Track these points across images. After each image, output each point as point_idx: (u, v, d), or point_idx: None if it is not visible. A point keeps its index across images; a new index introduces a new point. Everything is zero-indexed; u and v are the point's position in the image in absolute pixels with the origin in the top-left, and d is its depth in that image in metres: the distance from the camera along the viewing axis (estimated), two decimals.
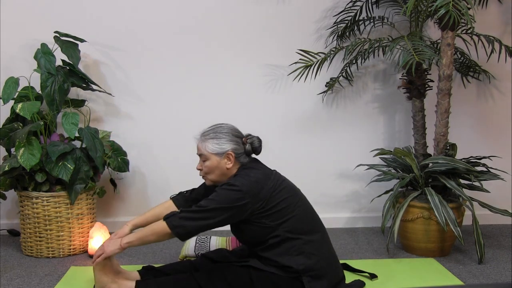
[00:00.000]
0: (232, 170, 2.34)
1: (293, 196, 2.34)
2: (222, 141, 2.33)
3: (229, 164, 2.33)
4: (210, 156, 2.33)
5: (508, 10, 3.49)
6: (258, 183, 2.26)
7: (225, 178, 2.35)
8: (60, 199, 2.91)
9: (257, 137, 2.42)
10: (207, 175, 2.37)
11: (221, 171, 2.34)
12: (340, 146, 3.50)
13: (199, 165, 2.39)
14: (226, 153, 2.31)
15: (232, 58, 3.39)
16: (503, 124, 3.59)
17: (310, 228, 2.33)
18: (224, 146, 2.32)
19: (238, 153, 2.34)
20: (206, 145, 2.33)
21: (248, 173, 2.30)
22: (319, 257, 2.29)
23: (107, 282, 2.31)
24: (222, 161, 2.32)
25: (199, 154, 2.37)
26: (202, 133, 2.39)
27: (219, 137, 2.33)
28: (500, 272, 2.76)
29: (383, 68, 3.50)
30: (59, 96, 2.94)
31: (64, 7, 3.26)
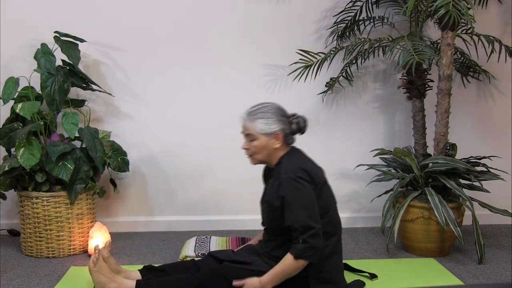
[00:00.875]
0: (279, 150, 2.34)
1: (332, 197, 2.38)
2: (270, 121, 2.31)
3: (277, 144, 2.32)
4: (258, 136, 2.31)
5: (508, 10, 3.49)
6: (311, 171, 2.28)
7: (271, 158, 2.35)
8: (60, 199, 2.91)
9: (303, 116, 2.42)
10: (254, 155, 2.35)
11: (268, 151, 2.33)
12: (340, 146, 3.50)
13: (246, 145, 2.36)
14: (275, 133, 2.31)
15: (232, 58, 3.39)
16: (503, 124, 3.59)
17: (332, 234, 2.35)
18: (272, 126, 2.31)
19: (286, 133, 2.34)
20: (254, 125, 2.31)
21: (298, 158, 2.32)
22: (331, 262, 2.32)
23: (106, 282, 2.30)
24: (270, 141, 2.32)
25: (246, 133, 2.34)
26: (248, 112, 2.36)
27: (268, 117, 2.31)
28: (500, 272, 2.76)
29: (383, 68, 3.50)
30: (59, 96, 2.94)
31: (64, 7, 3.26)
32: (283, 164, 2.29)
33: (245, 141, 2.37)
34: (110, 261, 2.39)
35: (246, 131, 2.35)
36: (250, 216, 3.38)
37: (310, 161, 2.38)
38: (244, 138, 2.38)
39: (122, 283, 2.30)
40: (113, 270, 2.37)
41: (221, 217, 3.48)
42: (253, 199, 3.46)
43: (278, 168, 2.32)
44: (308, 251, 2.17)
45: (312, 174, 2.27)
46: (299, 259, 2.18)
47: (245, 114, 2.37)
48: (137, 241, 3.25)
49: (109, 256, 2.39)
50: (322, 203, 2.28)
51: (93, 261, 2.34)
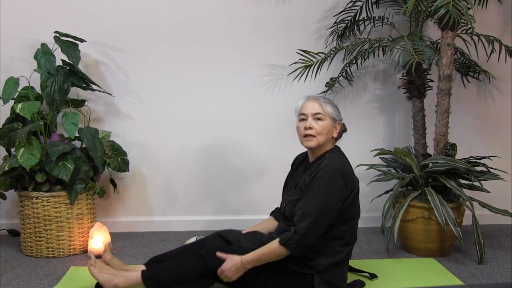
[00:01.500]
0: (331, 142, 2.41)
1: (358, 208, 2.40)
2: (337, 109, 2.42)
3: (336, 133, 2.40)
4: (327, 117, 2.37)
5: (508, 10, 3.49)
6: (350, 173, 2.33)
7: (324, 146, 2.38)
8: (60, 199, 2.91)
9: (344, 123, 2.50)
10: (318, 136, 2.36)
11: (328, 136, 2.38)
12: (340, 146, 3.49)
13: (311, 124, 2.36)
14: (338, 121, 2.41)
15: (232, 58, 3.39)
16: (503, 124, 3.59)
17: (349, 242, 2.37)
18: (338, 114, 2.42)
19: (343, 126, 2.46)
20: (326, 107, 2.38)
21: (342, 159, 2.36)
22: (340, 269, 2.34)
23: (111, 278, 2.30)
24: (333, 127, 2.38)
25: (316, 112, 2.36)
26: (318, 97, 2.42)
27: (335, 106, 2.43)
28: (500, 272, 2.76)
29: (383, 68, 3.50)
30: (59, 96, 2.94)
31: (64, 7, 3.26)
32: (327, 159, 2.32)
33: (309, 120, 2.37)
34: (114, 262, 2.39)
35: (316, 110, 2.37)
36: (250, 216, 3.38)
37: (350, 165, 2.41)
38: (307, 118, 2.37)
39: (127, 275, 2.30)
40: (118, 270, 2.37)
41: (221, 217, 3.48)
42: (253, 199, 3.47)
43: (319, 161, 2.34)
44: (294, 243, 2.19)
45: (350, 178, 2.30)
46: (283, 246, 2.21)
47: (310, 97, 2.42)
48: (137, 241, 3.25)
49: (112, 258, 2.39)
50: (351, 210, 2.32)
51: (91, 264, 2.34)
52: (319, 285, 2.27)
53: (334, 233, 2.30)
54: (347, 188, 2.27)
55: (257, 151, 3.48)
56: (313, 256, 2.28)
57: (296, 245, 2.20)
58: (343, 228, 2.31)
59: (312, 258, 2.28)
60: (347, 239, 2.34)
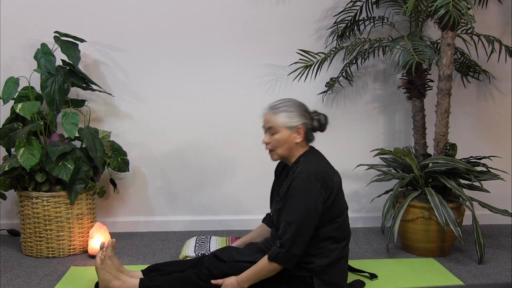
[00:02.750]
0: (299, 147, 2.33)
1: (344, 203, 2.38)
2: (293, 114, 2.30)
3: (298, 139, 2.31)
4: (281, 129, 2.30)
5: (508, 10, 3.49)
6: (328, 175, 2.26)
7: (291, 153, 2.33)
8: (60, 199, 2.91)
9: (324, 114, 2.41)
10: (276, 149, 2.33)
11: (289, 145, 2.31)
12: (340, 146, 3.50)
13: (267, 139, 2.34)
14: (297, 127, 2.30)
15: (232, 58, 3.39)
16: (503, 124, 3.59)
17: (343, 238, 2.35)
18: (295, 119, 2.30)
19: (308, 128, 2.33)
20: (277, 118, 2.30)
21: (317, 161, 2.30)
22: (338, 267, 2.33)
23: (111, 279, 2.31)
24: (292, 135, 2.30)
25: (268, 127, 2.33)
26: (271, 106, 2.35)
27: (291, 111, 2.31)
28: (500, 272, 2.76)
29: (383, 68, 3.50)
30: (59, 96, 2.94)
31: (64, 7, 3.26)
32: (301, 164, 2.28)
33: (266, 135, 2.35)
34: (114, 260, 2.39)
35: (268, 124, 2.33)
36: (250, 216, 3.38)
37: (327, 164, 2.36)
38: (265, 132, 2.36)
39: (126, 281, 2.31)
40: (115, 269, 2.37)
41: (221, 217, 3.48)
42: (253, 199, 3.47)
43: (295, 167, 2.30)
44: (282, 257, 2.17)
45: (327, 180, 2.25)
46: (273, 262, 2.19)
47: (266, 108, 2.36)
48: (137, 241, 3.25)
49: (112, 256, 2.39)
50: (335, 209, 2.29)
51: (100, 258, 2.34)
52: (319, 287, 2.27)
53: (323, 234, 2.27)
54: (325, 190, 2.23)
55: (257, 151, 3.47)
56: (309, 259, 2.27)
57: (285, 258, 2.17)
58: (331, 227, 2.28)
59: (308, 262, 2.27)
60: (338, 236, 2.31)
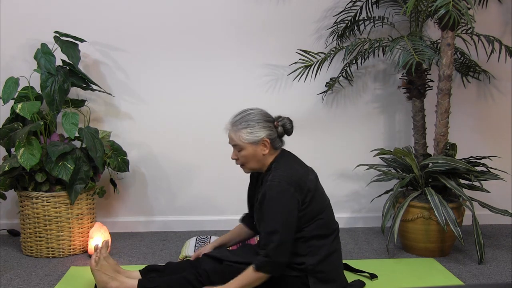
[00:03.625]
0: (267, 156, 2.32)
1: (324, 198, 2.37)
2: (255, 129, 2.27)
3: (265, 151, 2.29)
4: (245, 145, 2.28)
5: (508, 10, 3.49)
6: (300, 178, 2.25)
7: (262, 164, 2.32)
8: (60, 199, 2.91)
9: (288, 118, 2.38)
10: (245, 165, 2.33)
11: (257, 159, 2.31)
12: (340, 146, 3.50)
13: (234, 155, 2.34)
14: (262, 140, 2.28)
15: (232, 58, 3.39)
16: (503, 124, 3.59)
17: (330, 232, 2.34)
18: (258, 133, 2.27)
19: (272, 138, 2.31)
20: (239, 135, 2.28)
21: (289, 166, 2.28)
22: (330, 262, 2.32)
23: (108, 281, 2.30)
24: (258, 148, 2.29)
25: (233, 144, 2.32)
26: (232, 122, 2.32)
27: (252, 125, 2.28)
28: (500, 272, 2.76)
29: (383, 68, 3.50)
30: (59, 96, 2.94)
31: (64, 7, 3.26)
32: (272, 171, 2.27)
33: (233, 151, 2.34)
34: (109, 261, 2.39)
35: (232, 141, 2.32)
36: None
37: (299, 165, 2.35)
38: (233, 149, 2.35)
39: (123, 281, 2.30)
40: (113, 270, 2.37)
41: (221, 217, 3.48)
42: None
43: (267, 175, 2.30)
44: (267, 265, 2.15)
45: (300, 182, 2.24)
46: (259, 271, 2.17)
47: (229, 124, 2.33)
48: (137, 241, 3.25)
49: (107, 256, 2.38)
50: (314, 207, 2.27)
51: (95, 260, 2.34)
52: (314, 285, 2.26)
53: (308, 234, 2.26)
54: (300, 192, 2.22)
55: None
56: (299, 260, 2.26)
57: (271, 267, 2.16)
58: (315, 225, 2.27)
59: (299, 262, 2.26)
60: (323, 233, 2.30)
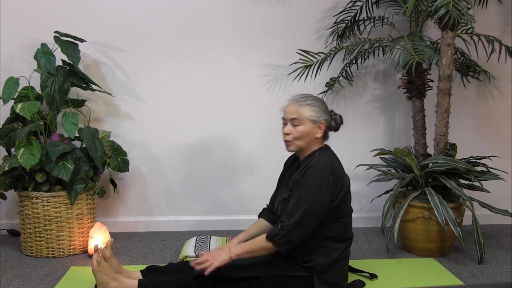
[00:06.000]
0: (317, 142, 2.36)
1: (350, 206, 2.39)
2: (319, 109, 2.34)
3: (319, 134, 2.34)
4: (305, 121, 2.32)
5: (508, 10, 3.49)
6: (340, 171, 2.31)
7: (309, 148, 2.35)
8: (60, 199, 2.91)
9: (340, 115, 2.44)
10: (296, 140, 2.34)
11: (310, 139, 2.34)
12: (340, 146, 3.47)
13: (289, 129, 2.35)
14: (320, 122, 2.33)
15: (232, 58, 3.39)
16: (503, 124, 3.59)
17: (346, 239, 2.36)
18: (320, 114, 2.33)
19: (328, 125, 2.37)
20: (303, 110, 2.32)
21: (332, 158, 2.33)
22: (339, 267, 2.33)
23: (109, 281, 2.30)
24: (314, 129, 2.33)
25: (292, 118, 2.33)
26: (297, 98, 2.36)
27: (316, 105, 2.34)
28: (500, 272, 2.76)
29: (383, 68, 3.50)
30: (59, 96, 2.94)
31: (64, 7, 3.26)
32: (316, 158, 2.31)
33: (287, 126, 2.36)
34: (112, 261, 2.39)
35: (292, 115, 2.34)
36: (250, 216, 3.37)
37: (340, 164, 2.40)
38: (286, 123, 2.37)
39: (124, 282, 2.30)
40: (114, 270, 2.37)
41: (221, 217, 3.48)
42: (254, 199, 3.47)
43: (308, 160, 2.33)
44: (280, 239, 2.19)
45: (339, 177, 2.29)
46: (269, 241, 2.21)
47: (290, 99, 2.38)
48: (137, 241, 3.25)
49: (111, 256, 2.39)
50: (341, 208, 2.30)
51: (96, 260, 2.34)
52: (319, 286, 2.27)
53: (326, 232, 2.29)
54: (336, 186, 2.26)
55: (258, 151, 3.47)
56: (310, 258, 2.28)
57: (282, 241, 2.19)
58: (335, 226, 2.30)
59: (309, 260, 2.28)
60: (340, 236, 2.33)
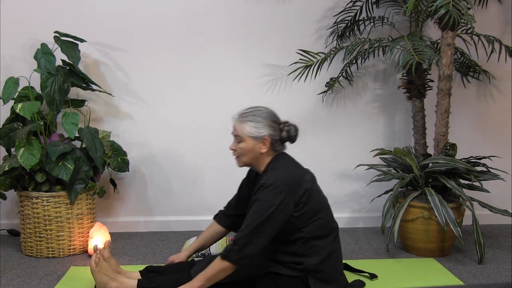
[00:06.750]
0: (265, 156, 2.32)
1: (321, 197, 2.37)
2: (260, 125, 2.29)
3: (264, 149, 2.30)
4: (246, 138, 2.30)
5: (508, 10, 3.49)
6: (296, 179, 2.26)
7: (257, 162, 2.33)
8: (60, 199, 2.91)
9: (294, 125, 2.39)
10: (240, 157, 2.34)
11: (254, 155, 2.31)
12: (340, 146, 3.50)
13: (233, 145, 2.35)
14: (263, 137, 2.29)
15: (232, 58, 3.39)
16: (503, 124, 3.59)
17: (329, 233, 2.34)
18: (261, 130, 2.29)
19: (274, 139, 2.32)
20: (243, 127, 2.30)
21: (285, 167, 2.29)
22: (331, 262, 2.31)
23: (108, 281, 2.31)
24: (258, 145, 2.30)
25: (235, 134, 2.34)
26: (240, 114, 2.35)
27: (258, 121, 2.30)
28: (500, 272, 2.76)
29: (383, 68, 3.50)
30: (59, 96, 2.94)
31: (64, 7, 3.26)
32: (268, 172, 2.27)
33: (233, 142, 2.36)
34: (111, 262, 2.39)
35: (235, 132, 2.34)
36: None
37: (295, 166, 2.35)
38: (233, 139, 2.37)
39: (123, 282, 2.31)
40: (113, 270, 2.37)
41: None
42: None
43: (263, 176, 2.29)
44: (235, 254, 2.14)
45: (295, 184, 2.24)
46: (224, 260, 2.15)
47: (236, 115, 2.36)
48: (137, 241, 3.25)
49: (109, 257, 2.39)
50: (312, 206, 2.27)
51: (94, 261, 2.34)
52: (315, 285, 2.26)
53: (308, 234, 2.26)
54: (294, 194, 2.21)
55: None
56: (299, 260, 2.27)
57: (237, 257, 2.14)
58: (314, 226, 2.27)
59: (299, 262, 2.27)
60: (323, 233, 2.30)
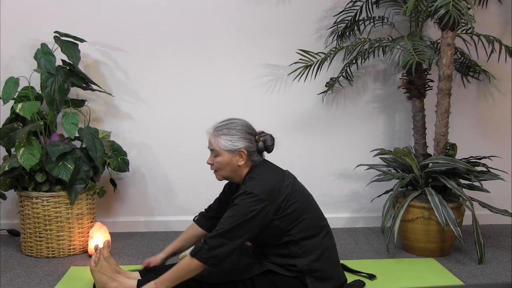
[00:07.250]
0: (243, 168, 2.32)
1: (305, 198, 2.35)
2: (235, 138, 2.28)
3: (241, 162, 2.29)
4: (222, 152, 2.29)
5: (508, 10, 3.48)
6: (275, 187, 2.23)
7: (236, 174, 2.32)
8: (60, 199, 2.91)
9: (270, 135, 2.39)
10: (218, 171, 2.34)
11: (232, 168, 2.31)
12: (340, 146, 3.50)
13: (210, 160, 2.35)
14: (239, 150, 2.28)
15: (232, 58, 3.39)
16: (503, 124, 3.59)
17: (319, 231, 2.33)
18: (237, 143, 2.28)
19: (251, 151, 2.31)
20: (218, 141, 2.29)
21: (263, 175, 2.27)
22: (325, 259, 2.30)
23: (107, 281, 2.31)
24: (234, 158, 2.29)
25: (211, 149, 2.33)
26: (215, 128, 2.33)
27: (232, 134, 2.29)
28: (500, 272, 2.76)
29: (383, 68, 3.50)
30: (59, 96, 2.94)
31: (64, 7, 3.26)
32: (247, 182, 2.26)
33: (210, 156, 2.35)
34: (110, 261, 2.39)
35: (210, 146, 2.33)
36: None
37: (274, 171, 2.33)
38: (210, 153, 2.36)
39: (123, 282, 2.30)
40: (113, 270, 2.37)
41: None
42: None
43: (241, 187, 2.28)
44: (204, 253, 2.12)
45: (273, 190, 2.22)
46: (194, 257, 2.13)
47: (211, 128, 2.35)
48: (137, 241, 3.25)
49: (109, 257, 2.39)
50: (295, 207, 2.26)
51: (94, 261, 2.34)
52: (312, 284, 2.26)
53: (297, 235, 2.25)
54: (273, 203, 2.20)
55: None
56: (293, 262, 2.26)
57: (206, 256, 2.11)
58: (301, 227, 2.25)
59: (293, 264, 2.26)
60: (312, 232, 2.28)
